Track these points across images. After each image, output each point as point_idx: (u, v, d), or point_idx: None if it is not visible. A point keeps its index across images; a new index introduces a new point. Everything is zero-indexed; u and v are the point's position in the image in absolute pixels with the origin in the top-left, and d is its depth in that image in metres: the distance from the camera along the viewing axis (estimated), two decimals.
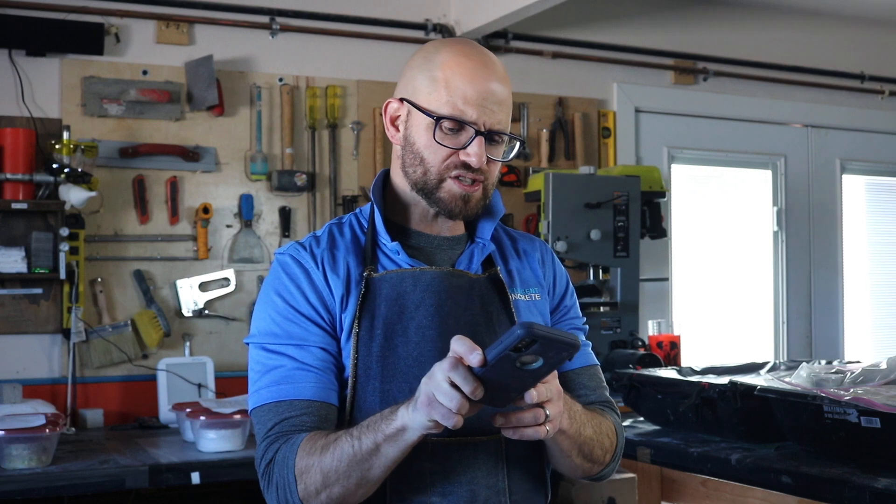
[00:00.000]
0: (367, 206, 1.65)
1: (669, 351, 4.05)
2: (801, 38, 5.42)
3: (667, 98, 5.06)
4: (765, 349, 5.30)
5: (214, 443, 3.14)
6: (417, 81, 1.56)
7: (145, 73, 3.96)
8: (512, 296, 1.61)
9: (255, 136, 4.13)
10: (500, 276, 1.62)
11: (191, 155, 4.00)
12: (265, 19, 4.18)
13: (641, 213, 4.29)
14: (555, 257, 1.73)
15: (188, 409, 3.24)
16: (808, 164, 5.47)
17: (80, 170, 3.66)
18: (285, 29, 4.21)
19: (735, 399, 2.57)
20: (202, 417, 3.15)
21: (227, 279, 4.06)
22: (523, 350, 1.24)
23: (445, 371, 1.28)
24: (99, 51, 3.86)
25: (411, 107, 1.56)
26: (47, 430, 2.91)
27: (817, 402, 2.33)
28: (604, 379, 1.72)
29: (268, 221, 4.16)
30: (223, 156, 4.10)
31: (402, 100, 1.58)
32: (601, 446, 1.58)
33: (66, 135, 3.69)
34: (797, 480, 2.31)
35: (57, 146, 3.68)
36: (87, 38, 3.83)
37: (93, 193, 3.71)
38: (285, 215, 4.16)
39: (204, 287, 4.02)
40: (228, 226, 4.10)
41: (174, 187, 3.99)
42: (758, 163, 5.38)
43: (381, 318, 1.52)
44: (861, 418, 2.22)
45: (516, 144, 1.61)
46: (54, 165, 3.64)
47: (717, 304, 5.26)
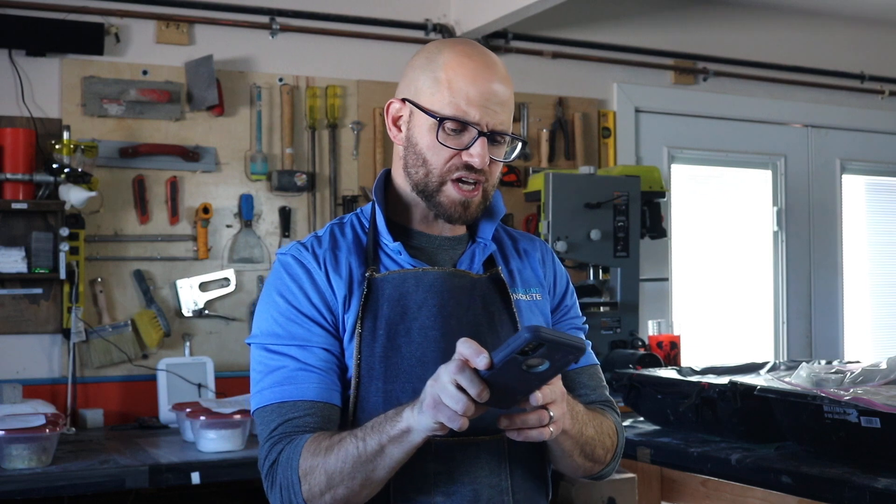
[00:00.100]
0: (369, 205, 1.65)
1: (669, 351, 4.05)
2: (801, 38, 5.41)
3: (667, 98, 5.06)
4: (765, 349, 5.30)
5: (214, 443, 3.14)
6: (420, 82, 1.56)
7: (145, 73, 3.96)
8: (513, 296, 1.61)
9: (255, 136, 4.13)
10: (502, 275, 1.62)
11: (191, 155, 4.00)
12: (265, 19, 4.18)
13: (641, 213, 4.29)
14: (555, 257, 1.74)
15: (188, 409, 3.24)
16: (808, 164, 5.47)
17: (80, 170, 3.66)
18: (285, 29, 4.21)
19: (735, 399, 2.57)
20: (202, 417, 3.15)
21: (227, 279, 4.06)
22: (530, 353, 1.24)
23: (452, 374, 1.28)
24: (99, 51, 3.86)
25: (414, 107, 1.56)
26: (47, 430, 2.91)
27: (817, 402, 2.33)
28: (604, 378, 1.72)
29: (268, 221, 4.16)
30: (223, 156, 4.10)
31: (404, 100, 1.58)
32: (602, 446, 1.59)
33: (66, 135, 3.69)
34: (797, 480, 2.31)
35: (57, 146, 3.68)
36: (87, 38, 3.83)
37: (93, 193, 3.70)
38: (285, 215, 4.16)
39: (204, 287, 4.02)
40: (228, 226, 4.10)
41: (174, 187, 3.99)
42: (758, 163, 5.38)
43: (384, 318, 1.52)
44: (861, 418, 2.22)
45: (518, 145, 1.61)
46: (54, 165, 3.64)
47: (717, 304, 5.26)
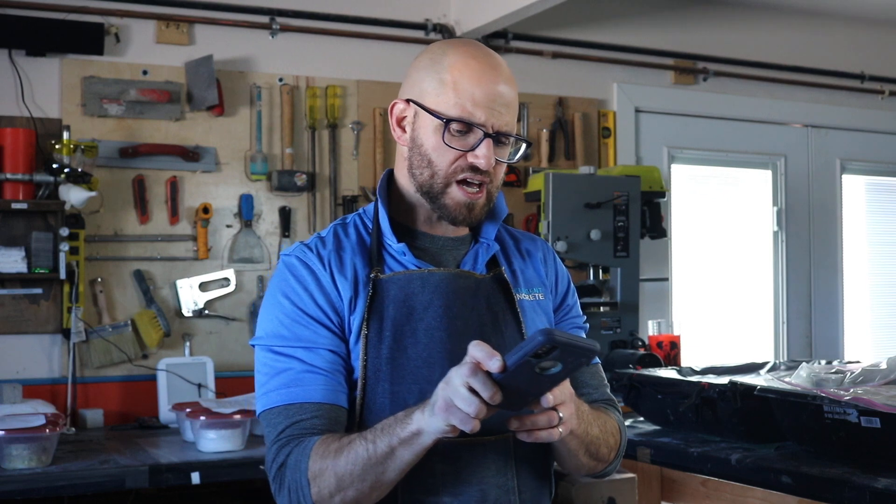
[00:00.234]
0: (371, 206, 1.64)
1: (669, 351, 4.04)
2: (801, 38, 5.41)
3: (667, 98, 5.06)
4: (765, 349, 5.30)
5: (214, 443, 3.14)
6: (425, 83, 1.55)
7: (145, 73, 3.96)
8: (517, 296, 1.61)
9: (255, 136, 4.13)
10: (505, 276, 1.62)
11: (191, 155, 4.00)
12: (265, 19, 4.18)
13: (641, 213, 4.29)
14: (556, 257, 1.74)
15: (188, 409, 3.24)
16: (808, 164, 5.47)
17: (80, 170, 3.66)
18: (285, 29, 4.21)
19: (735, 399, 2.57)
20: (202, 417, 3.15)
21: (227, 279, 4.06)
22: (543, 356, 1.25)
23: (464, 377, 1.29)
24: (99, 51, 3.86)
25: (419, 108, 1.55)
26: (47, 430, 2.91)
27: (817, 402, 2.33)
28: (605, 377, 1.73)
29: (268, 221, 4.16)
30: (223, 156, 4.10)
31: (408, 101, 1.58)
32: (606, 444, 1.60)
33: (66, 135, 3.69)
34: (797, 480, 2.31)
35: (57, 146, 3.67)
36: (87, 38, 3.83)
37: (93, 193, 3.70)
38: (285, 215, 4.16)
39: (204, 287, 4.02)
40: (228, 226, 4.10)
41: (174, 187, 3.99)
42: (758, 163, 5.38)
43: (390, 319, 1.52)
44: (861, 418, 2.22)
45: (522, 146, 1.61)
46: (54, 165, 3.63)
47: (717, 304, 5.25)
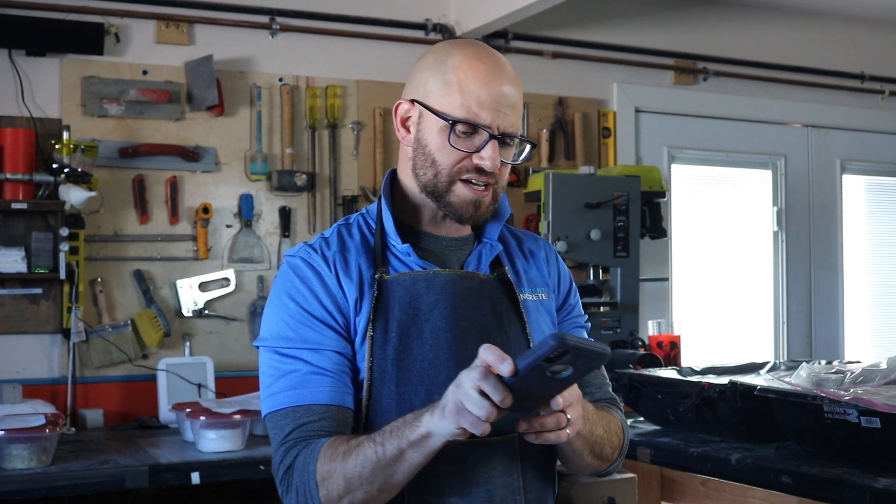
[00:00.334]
0: (374, 206, 1.64)
1: (669, 351, 4.04)
2: (801, 38, 5.41)
3: (667, 98, 5.06)
4: (765, 349, 5.30)
5: (214, 443, 3.14)
6: (430, 84, 1.55)
7: (145, 73, 3.96)
8: (520, 296, 1.62)
9: (255, 136, 4.13)
10: (509, 276, 1.62)
11: (191, 155, 4.00)
12: (265, 19, 4.18)
13: (641, 213, 4.29)
14: (558, 256, 1.75)
15: (188, 409, 3.24)
16: (808, 164, 5.47)
17: (80, 170, 3.66)
18: (285, 29, 4.21)
19: (735, 399, 2.57)
20: (202, 417, 3.15)
21: (227, 279, 4.06)
22: (554, 360, 1.25)
23: (475, 380, 1.29)
24: (99, 51, 3.86)
25: (423, 109, 1.55)
26: (47, 430, 2.91)
27: (817, 402, 2.33)
28: (607, 376, 1.74)
29: (268, 221, 4.16)
30: (223, 156, 4.10)
31: (413, 101, 1.57)
32: (611, 444, 1.61)
33: (66, 135, 3.69)
34: (797, 480, 2.31)
35: (57, 146, 3.67)
36: (87, 38, 3.83)
37: (93, 193, 3.70)
38: (285, 215, 4.16)
39: (204, 287, 4.02)
40: (228, 226, 4.10)
41: (174, 187, 3.99)
42: (758, 163, 5.38)
43: (396, 320, 1.52)
44: (861, 418, 2.22)
45: (527, 147, 1.61)
46: (54, 165, 3.63)
47: (717, 304, 5.25)
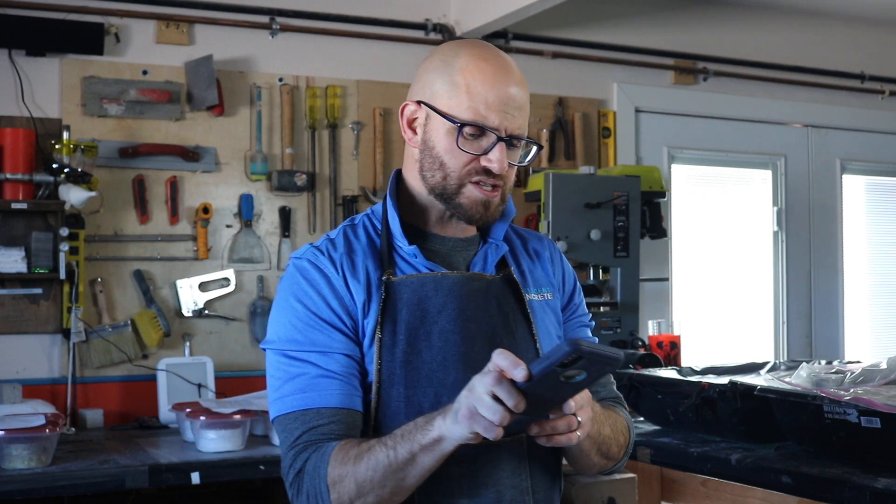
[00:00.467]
0: (379, 206, 1.63)
1: (669, 351, 4.04)
2: (801, 38, 5.41)
3: (667, 98, 5.06)
4: (765, 349, 5.30)
5: (214, 443, 3.14)
6: (437, 85, 1.54)
7: (145, 73, 3.96)
8: (526, 296, 1.62)
9: (255, 136, 4.13)
10: (514, 276, 1.62)
11: (191, 155, 4.00)
12: (265, 19, 4.18)
13: (641, 213, 4.29)
14: (562, 256, 1.75)
15: (188, 409, 3.24)
16: (808, 164, 5.47)
17: (80, 170, 3.66)
18: (285, 29, 4.21)
19: (735, 399, 2.57)
20: (202, 417, 3.15)
21: (226, 279, 4.06)
22: (568, 365, 1.26)
23: (489, 385, 1.29)
24: (99, 51, 3.85)
25: (430, 110, 1.54)
26: (47, 430, 2.91)
27: (817, 402, 2.33)
28: (611, 375, 1.75)
29: (268, 221, 4.16)
30: (223, 156, 4.10)
31: (419, 102, 1.57)
32: (617, 443, 1.62)
33: (66, 135, 3.69)
34: (797, 480, 2.31)
35: (57, 146, 3.67)
36: (87, 38, 3.83)
37: (93, 193, 3.70)
38: (285, 215, 4.16)
39: (204, 287, 4.02)
40: (228, 226, 4.10)
41: (174, 187, 3.99)
42: (758, 163, 5.38)
43: (404, 323, 1.52)
44: (861, 418, 2.22)
45: (533, 148, 1.60)
46: (54, 165, 3.63)
47: (717, 304, 5.25)
